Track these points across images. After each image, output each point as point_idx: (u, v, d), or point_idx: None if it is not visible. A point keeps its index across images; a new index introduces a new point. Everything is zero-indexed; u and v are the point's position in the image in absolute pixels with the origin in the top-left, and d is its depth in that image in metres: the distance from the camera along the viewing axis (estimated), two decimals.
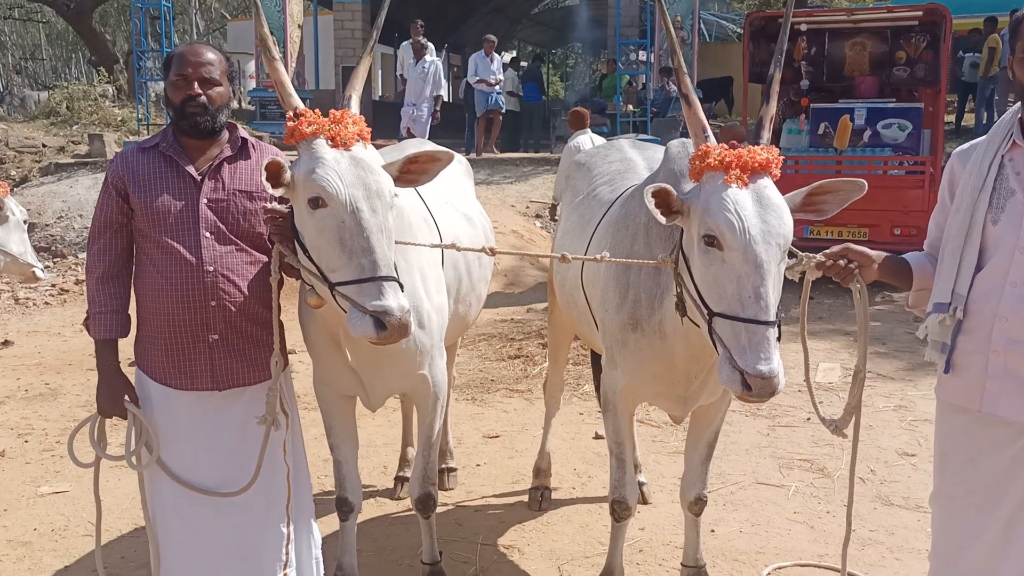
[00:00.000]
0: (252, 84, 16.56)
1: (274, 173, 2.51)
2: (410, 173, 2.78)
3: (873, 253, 2.51)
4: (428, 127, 13.04)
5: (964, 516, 2.36)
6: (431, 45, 13.76)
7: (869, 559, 3.98)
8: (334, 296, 2.54)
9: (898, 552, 4.04)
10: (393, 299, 2.45)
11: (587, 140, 8.03)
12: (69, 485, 4.83)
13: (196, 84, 2.73)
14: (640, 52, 16.32)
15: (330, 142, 2.54)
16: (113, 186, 2.78)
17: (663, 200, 2.52)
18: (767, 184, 2.47)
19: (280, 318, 2.92)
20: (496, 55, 14.52)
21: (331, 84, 18.34)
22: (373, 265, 2.47)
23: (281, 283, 2.88)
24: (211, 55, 2.79)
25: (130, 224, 2.81)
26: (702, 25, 20.13)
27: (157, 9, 15.99)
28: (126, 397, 2.82)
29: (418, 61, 13.32)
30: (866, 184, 2.53)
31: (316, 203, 2.50)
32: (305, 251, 2.59)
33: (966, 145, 2.44)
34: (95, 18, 22.83)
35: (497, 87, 14.22)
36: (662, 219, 2.52)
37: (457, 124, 16.03)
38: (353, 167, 2.52)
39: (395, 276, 2.50)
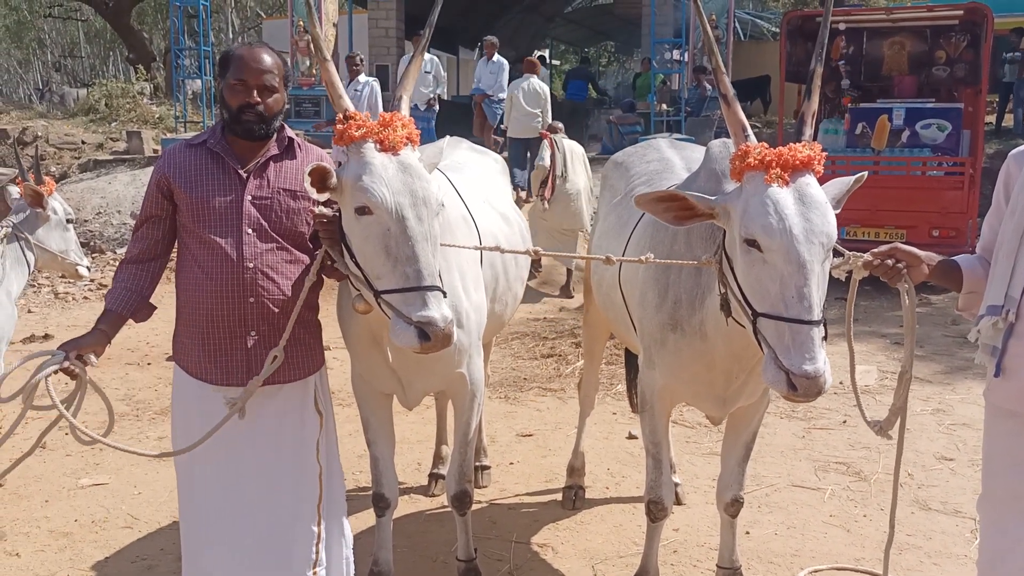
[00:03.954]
0: None
1: (320, 178, 2.52)
2: None
3: (922, 253, 2.49)
4: None
5: (1008, 521, 2.33)
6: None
7: (907, 563, 3.94)
8: (379, 303, 2.56)
9: (936, 557, 4.00)
10: (437, 310, 2.46)
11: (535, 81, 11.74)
12: (109, 477, 4.90)
13: (255, 92, 2.73)
14: (675, 51, 16.23)
15: (378, 146, 2.54)
16: (156, 183, 2.82)
17: (683, 203, 2.55)
18: (809, 182, 2.44)
19: (317, 316, 2.95)
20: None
21: None
22: (418, 274, 2.47)
23: (322, 283, 2.91)
24: (270, 60, 2.78)
25: (168, 218, 2.84)
26: (737, 24, 19.99)
27: (194, 7, 16.14)
28: (90, 356, 2.72)
29: (351, 81, 11.26)
30: (865, 176, 2.62)
31: (363, 210, 2.51)
32: (352, 256, 2.60)
33: (1023, 147, 2.41)
34: (133, 16, 23.12)
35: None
36: (668, 223, 2.58)
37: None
38: (400, 173, 2.52)
39: (439, 285, 2.51)
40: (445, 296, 2.53)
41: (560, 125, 10.38)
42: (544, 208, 9.52)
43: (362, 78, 11.51)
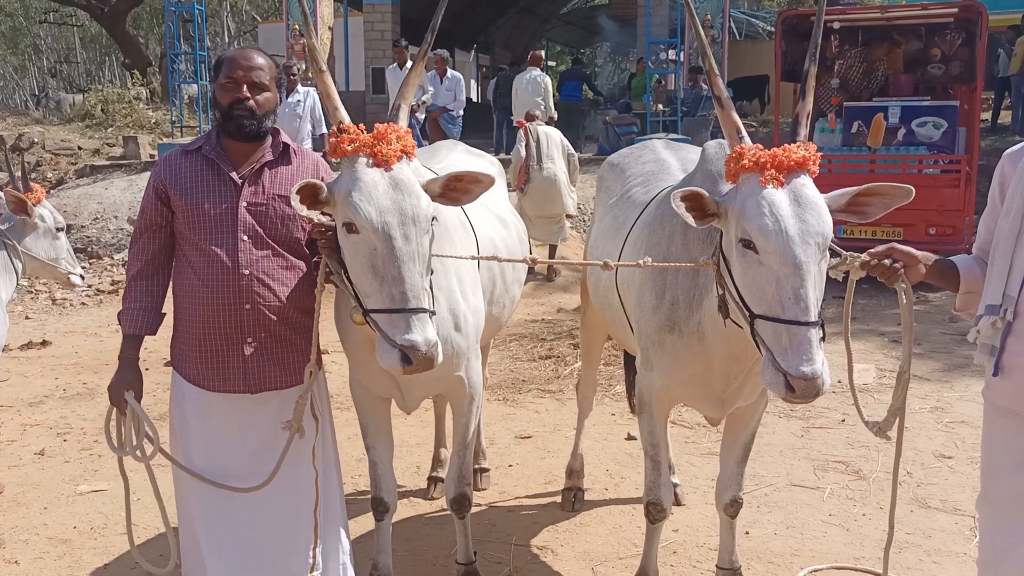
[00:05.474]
0: None
1: (310, 194, 2.49)
2: (454, 191, 2.70)
3: (919, 253, 2.48)
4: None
5: (1008, 521, 2.32)
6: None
7: (906, 562, 3.94)
8: (367, 320, 2.56)
9: (935, 555, 4.00)
10: (420, 333, 2.44)
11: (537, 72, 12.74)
12: (107, 484, 4.89)
13: (245, 88, 2.75)
14: (670, 51, 16.25)
15: (371, 160, 2.51)
16: (154, 189, 2.82)
17: (697, 203, 2.51)
18: (805, 182, 2.45)
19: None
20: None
21: (360, 86, 18.43)
22: (403, 296, 2.45)
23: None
24: (261, 60, 2.80)
25: (170, 226, 2.84)
26: (732, 23, 20.00)
27: (190, 12, 16.15)
28: (130, 391, 2.83)
29: (290, 93, 10.29)
30: (913, 191, 2.50)
31: (351, 227, 2.49)
32: (345, 270, 2.60)
33: (1017, 147, 2.40)
34: (128, 21, 23.12)
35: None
36: (692, 222, 2.51)
37: (486, 124, 16.03)
38: (391, 190, 2.48)
39: (425, 307, 2.48)
40: (434, 314, 2.52)
41: (537, 113, 10.67)
42: (520, 196, 9.65)
43: (301, 88, 10.32)
